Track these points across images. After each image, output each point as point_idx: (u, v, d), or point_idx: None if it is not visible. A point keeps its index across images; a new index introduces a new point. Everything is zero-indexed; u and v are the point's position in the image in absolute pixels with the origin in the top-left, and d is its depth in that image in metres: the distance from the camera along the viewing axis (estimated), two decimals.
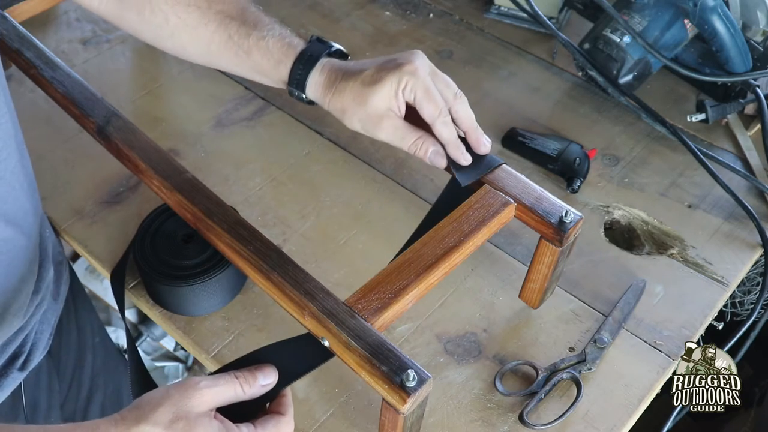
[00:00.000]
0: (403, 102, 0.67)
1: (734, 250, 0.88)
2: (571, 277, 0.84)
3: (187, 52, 0.76)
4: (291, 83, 0.70)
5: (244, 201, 0.92)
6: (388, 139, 0.69)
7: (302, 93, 0.70)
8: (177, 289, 0.77)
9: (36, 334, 0.76)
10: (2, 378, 0.72)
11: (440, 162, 0.70)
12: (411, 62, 0.66)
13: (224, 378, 0.57)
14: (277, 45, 0.70)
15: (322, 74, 0.69)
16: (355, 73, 0.68)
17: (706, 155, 0.95)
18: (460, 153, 0.69)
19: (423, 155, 0.69)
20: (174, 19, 0.72)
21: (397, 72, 0.66)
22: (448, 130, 0.68)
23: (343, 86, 0.68)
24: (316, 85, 0.69)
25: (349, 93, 0.67)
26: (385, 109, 0.67)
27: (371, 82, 0.66)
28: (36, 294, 0.73)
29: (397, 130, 0.68)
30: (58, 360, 0.86)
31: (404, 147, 0.69)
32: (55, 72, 0.81)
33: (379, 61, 0.68)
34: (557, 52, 1.12)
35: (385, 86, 0.66)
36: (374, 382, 0.58)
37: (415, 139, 0.68)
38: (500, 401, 0.74)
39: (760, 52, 0.97)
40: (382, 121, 0.67)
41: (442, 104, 0.67)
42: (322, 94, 0.70)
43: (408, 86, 0.66)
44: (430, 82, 0.67)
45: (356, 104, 0.67)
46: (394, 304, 0.62)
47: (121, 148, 0.75)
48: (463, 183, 0.70)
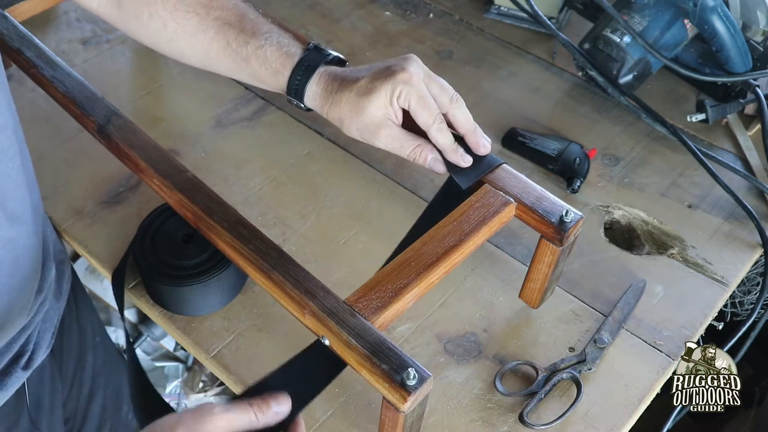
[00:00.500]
0: (399, 110, 0.67)
1: (734, 250, 0.88)
2: (571, 277, 0.84)
3: (185, 57, 0.76)
4: (289, 93, 0.70)
5: (244, 201, 0.92)
6: (387, 148, 0.69)
7: (300, 102, 0.71)
8: (177, 289, 0.77)
9: (39, 333, 0.76)
10: (6, 377, 0.72)
11: (439, 168, 0.70)
12: (405, 69, 0.66)
13: (238, 405, 0.57)
14: (275, 54, 0.70)
15: (319, 84, 0.69)
16: (350, 82, 0.68)
17: (706, 155, 0.95)
18: (459, 156, 0.69)
19: (422, 162, 0.69)
20: (172, 25, 0.72)
21: (391, 81, 0.66)
22: (443, 136, 0.68)
23: (339, 97, 0.68)
24: (314, 96, 0.70)
25: (345, 104, 0.67)
26: (382, 118, 0.67)
27: (365, 92, 0.66)
28: (39, 293, 0.73)
29: (395, 139, 0.68)
30: (60, 359, 0.86)
31: (403, 155, 0.69)
32: (56, 71, 0.81)
33: (373, 69, 0.68)
34: (557, 52, 1.12)
35: (380, 96, 0.66)
36: (375, 381, 0.58)
37: (413, 147, 0.69)
38: (500, 401, 0.74)
39: (760, 52, 0.97)
40: (380, 130, 0.68)
41: (436, 111, 0.67)
42: (320, 104, 0.70)
43: (402, 95, 0.66)
44: (424, 89, 0.67)
45: (353, 114, 0.67)
46: (395, 302, 0.62)
47: (121, 147, 0.75)
48: (464, 186, 0.70)
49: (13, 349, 0.72)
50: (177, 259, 0.78)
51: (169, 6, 0.72)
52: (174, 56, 0.77)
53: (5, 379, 0.72)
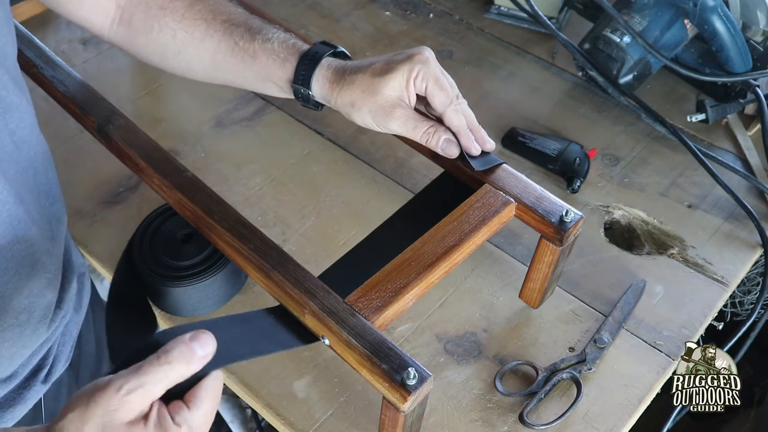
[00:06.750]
0: (414, 92, 0.68)
1: (734, 250, 0.88)
2: (571, 277, 0.84)
3: (192, 69, 0.77)
4: (297, 80, 0.70)
5: (244, 201, 0.92)
6: (400, 130, 0.69)
7: (308, 90, 0.70)
8: (176, 289, 0.77)
9: (59, 346, 0.76)
10: (25, 390, 0.71)
11: (453, 150, 0.70)
12: (421, 53, 0.68)
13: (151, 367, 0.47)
14: (282, 46, 0.71)
15: (328, 70, 0.70)
16: (363, 66, 0.68)
17: (706, 155, 0.95)
18: (471, 142, 0.70)
19: (435, 144, 0.69)
20: (181, 35, 0.73)
21: (409, 62, 0.67)
22: (459, 117, 0.69)
23: (351, 79, 0.68)
24: (323, 80, 0.69)
25: (359, 85, 0.68)
26: (397, 99, 0.67)
27: (382, 72, 0.67)
28: (60, 305, 0.72)
29: (409, 119, 0.68)
30: (77, 371, 0.85)
31: (416, 136, 0.69)
32: (56, 71, 0.81)
33: (387, 55, 0.69)
34: (557, 52, 1.12)
35: (397, 75, 0.67)
36: (375, 381, 0.58)
37: (427, 127, 0.69)
38: (500, 401, 0.74)
39: (760, 52, 0.97)
40: (394, 110, 0.68)
41: (452, 93, 0.68)
42: (329, 90, 0.70)
43: (420, 75, 0.67)
44: (440, 71, 0.68)
45: (367, 95, 0.67)
46: (395, 302, 0.62)
47: (121, 147, 0.75)
48: (477, 168, 0.70)
49: (33, 362, 0.71)
50: (174, 260, 0.78)
51: (177, 16, 0.73)
52: (181, 70, 0.77)
53: (24, 393, 0.71)
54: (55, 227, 0.70)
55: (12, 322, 0.64)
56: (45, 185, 0.69)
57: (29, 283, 0.65)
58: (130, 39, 0.76)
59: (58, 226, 0.71)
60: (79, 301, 0.80)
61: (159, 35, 0.74)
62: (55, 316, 0.72)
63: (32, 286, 0.65)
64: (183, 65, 0.76)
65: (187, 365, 0.48)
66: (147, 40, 0.75)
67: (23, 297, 0.64)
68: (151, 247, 0.79)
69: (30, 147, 0.65)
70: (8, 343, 0.65)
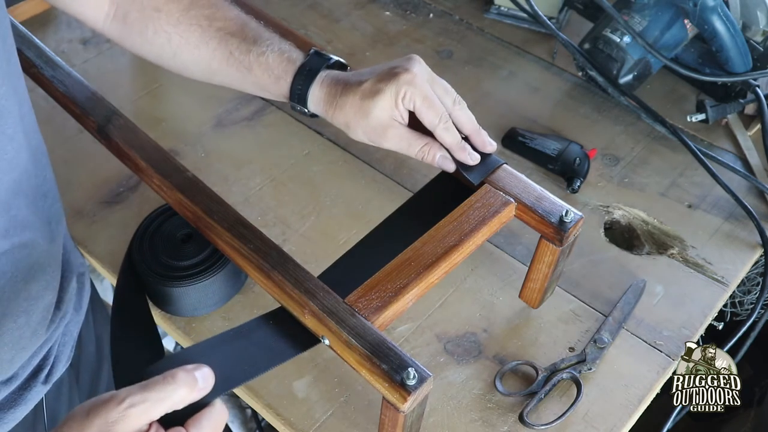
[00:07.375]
0: (405, 111, 0.67)
1: (734, 250, 0.88)
2: (571, 277, 0.84)
3: (189, 71, 0.76)
4: (292, 98, 0.70)
5: (244, 201, 0.92)
6: (395, 148, 0.69)
7: (304, 108, 0.70)
8: (173, 290, 0.77)
9: (59, 347, 0.75)
10: (26, 391, 0.71)
11: (449, 166, 0.70)
12: (408, 70, 0.66)
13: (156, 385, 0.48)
14: (276, 60, 0.70)
15: (322, 89, 0.69)
16: (353, 86, 0.68)
17: (706, 155, 0.95)
18: (467, 154, 0.70)
19: (431, 161, 0.69)
20: (176, 39, 0.73)
21: (395, 82, 0.66)
22: (450, 135, 0.68)
23: (343, 101, 0.68)
24: (318, 100, 0.70)
25: (350, 107, 0.67)
26: (388, 119, 0.67)
27: (370, 94, 0.66)
28: (59, 306, 0.72)
29: (403, 139, 0.68)
30: (77, 371, 0.85)
31: (411, 154, 0.69)
32: (56, 71, 0.81)
33: (377, 71, 0.68)
34: (557, 52, 1.12)
35: (384, 97, 0.66)
36: (374, 381, 0.58)
37: (422, 146, 0.68)
38: (500, 401, 0.74)
39: (760, 52, 0.97)
40: (387, 131, 0.67)
41: (441, 110, 0.67)
42: (324, 110, 0.70)
43: (407, 95, 0.66)
44: (428, 89, 0.67)
45: (358, 117, 0.67)
46: (395, 302, 0.62)
47: (121, 147, 0.75)
48: (475, 182, 0.70)
49: (34, 362, 0.71)
50: (175, 259, 0.78)
51: (172, 20, 0.73)
52: (178, 70, 0.77)
53: (25, 394, 0.71)
54: (54, 228, 0.70)
55: (11, 325, 0.64)
56: (43, 186, 0.69)
57: (27, 286, 0.65)
58: (125, 36, 0.76)
59: (57, 227, 0.71)
60: (78, 301, 0.80)
61: (154, 37, 0.74)
62: (55, 317, 0.72)
63: (30, 288, 0.65)
64: (180, 66, 0.76)
65: (190, 391, 0.49)
66: (142, 39, 0.75)
67: (21, 300, 0.64)
68: (151, 247, 0.79)
69: (29, 148, 0.65)
70: (7, 346, 0.65)
